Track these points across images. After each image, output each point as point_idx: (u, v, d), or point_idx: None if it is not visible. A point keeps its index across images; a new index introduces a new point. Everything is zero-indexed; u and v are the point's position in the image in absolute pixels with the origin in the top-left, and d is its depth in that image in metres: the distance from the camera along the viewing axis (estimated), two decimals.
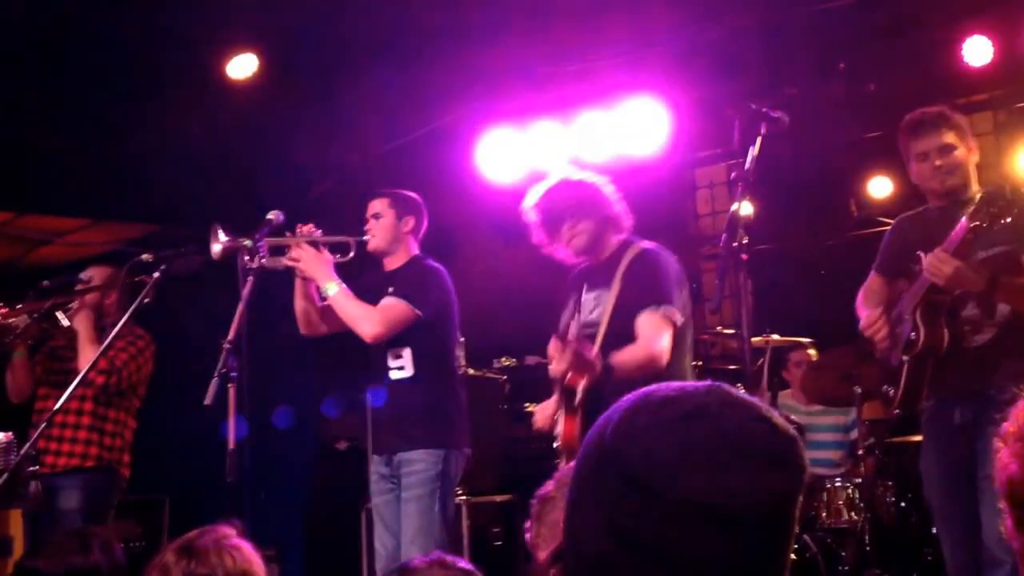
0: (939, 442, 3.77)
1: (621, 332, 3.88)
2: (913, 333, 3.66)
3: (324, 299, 4.60)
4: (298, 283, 4.66)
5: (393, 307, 4.51)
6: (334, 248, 4.66)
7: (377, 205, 4.72)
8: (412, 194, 4.80)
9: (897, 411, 3.90)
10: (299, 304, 4.70)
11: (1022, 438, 1.33)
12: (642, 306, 3.88)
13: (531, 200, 4.17)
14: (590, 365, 3.74)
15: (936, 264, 3.49)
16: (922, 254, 3.66)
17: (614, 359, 3.77)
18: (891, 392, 3.77)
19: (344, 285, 4.52)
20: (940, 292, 3.62)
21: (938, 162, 3.79)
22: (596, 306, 4.10)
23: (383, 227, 4.68)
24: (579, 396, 3.88)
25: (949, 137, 3.80)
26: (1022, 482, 1.32)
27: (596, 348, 3.88)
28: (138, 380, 5.18)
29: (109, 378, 4.99)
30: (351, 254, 4.67)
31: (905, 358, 3.71)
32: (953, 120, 3.86)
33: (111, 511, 5.10)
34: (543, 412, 4.23)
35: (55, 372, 5.15)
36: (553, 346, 3.90)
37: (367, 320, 4.48)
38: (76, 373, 4.49)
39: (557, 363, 3.85)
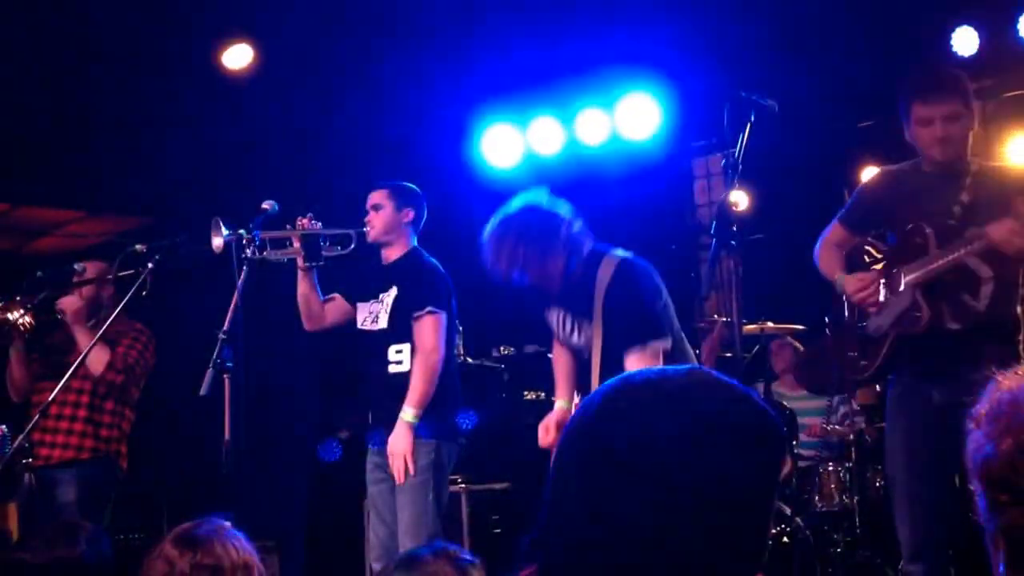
0: (912, 421, 3.66)
1: (616, 360, 3.85)
2: (916, 312, 3.54)
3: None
4: (301, 276, 4.64)
5: (428, 323, 4.48)
6: (335, 240, 4.66)
7: (377, 196, 4.71)
8: (412, 185, 4.80)
9: (866, 377, 3.81)
10: (302, 297, 4.68)
11: (996, 419, 1.35)
12: (629, 344, 3.84)
13: (487, 252, 4.06)
14: None
15: (1007, 236, 3.34)
16: (926, 227, 3.53)
17: None
18: (863, 361, 3.66)
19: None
20: (954, 272, 3.51)
21: (941, 132, 3.59)
22: (575, 331, 4.07)
23: (382, 218, 4.68)
24: None
25: (957, 105, 3.61)
26: (997, 463, 1.34)
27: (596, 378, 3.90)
28: (142, 374, 5.21)
29: (116, 376, 4.99)
30: (352, 245, 4.67)
31: (895, 332, 3.60)
32: (963, 85, 3.67)
33: (108, 503, 5.09)
34: (547, 434, 4.15)
35: (53, 366, 5.09)
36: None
37: (433, 353, 4.44)
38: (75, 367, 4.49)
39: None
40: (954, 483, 3.58)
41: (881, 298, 3.67)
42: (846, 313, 3.83)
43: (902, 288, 3.61)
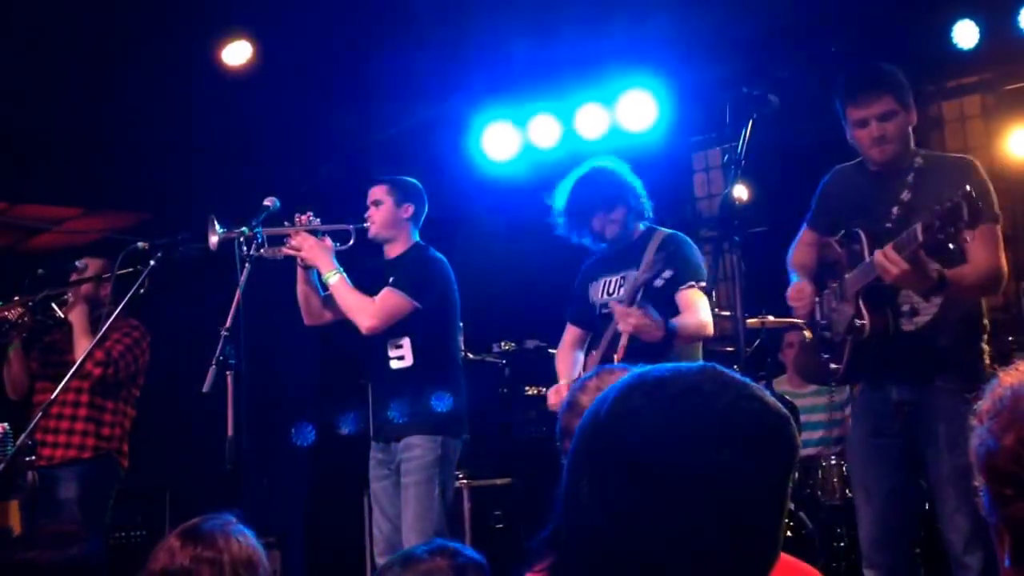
0: (871, 416, 3.62)
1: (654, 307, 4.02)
2: (858, 320, 3.50)
3: (326, 288, 4.62)
4: (300, 273, 4.66)
5: (389, 299, 4.51)
6: (334, 236, 4.67)
7: (377, 192, 4.71)
8: (412, 180, 4.79)
9: (838, 380, 3.79)
10: (302, 294, 4.69)
11: (998, 414, 1.37)
12: (680, 282, 4.06)
13: (562, 193, 4.33)
14: (655, 326, 3.91)
15: (885, 264, 3.27)
16: (862, 233, 3.50)
17: (677, 321, 3.95)
18: (833, 365, 3.64)
19: (344, 274, 4.54)
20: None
21: (877, 132, 3.51)
22: (622, 285, 4.23)
23: (383, 214, 4.68)
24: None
25: (890, 102, 3.50)
26: (1001, 457, 1.35)
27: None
28: (136, 370, 5.19)
29: (106, 369, 5.00)
30: (351, 242, 4.68)
31: (849, 337, 3.57)
32: (895, 80, 3.55)
33: (110, 501, 5.11)
34: (557, 393, 4.31)
35: (52, 365, 5.14)
36: (618, 310, 4.03)
37: (363, 311, 4.49)
38: (73, 365, 4.46)
39: (623, 323, 3.95)
40: (911, 482, 3.56)
41: (834, 304, 3.65)
42: (817, 315, 3.79)
43: (849, 296, 3.58)
